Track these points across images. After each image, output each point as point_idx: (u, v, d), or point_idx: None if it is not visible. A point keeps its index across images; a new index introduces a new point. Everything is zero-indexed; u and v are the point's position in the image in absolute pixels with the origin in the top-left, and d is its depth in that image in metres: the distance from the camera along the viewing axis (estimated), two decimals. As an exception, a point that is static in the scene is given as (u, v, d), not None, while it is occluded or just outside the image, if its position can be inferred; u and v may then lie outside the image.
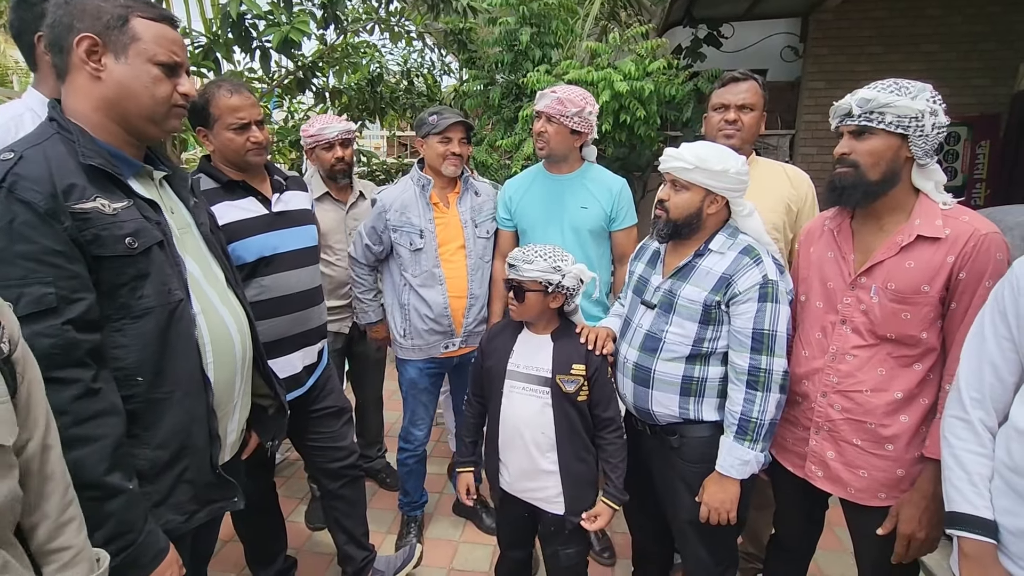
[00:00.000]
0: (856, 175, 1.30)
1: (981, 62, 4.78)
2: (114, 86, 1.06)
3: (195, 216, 1.28)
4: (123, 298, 1.03)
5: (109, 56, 1.05)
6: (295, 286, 1.83)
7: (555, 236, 2.11)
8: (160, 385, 1.08)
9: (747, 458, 1.43)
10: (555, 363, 1.63)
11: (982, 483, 1.07)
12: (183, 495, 1.13)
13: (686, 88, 3.57)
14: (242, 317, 1.31)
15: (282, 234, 1.81)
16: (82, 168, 1.02)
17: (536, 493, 1.69)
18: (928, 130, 1.23)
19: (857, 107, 1.27)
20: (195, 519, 1.17)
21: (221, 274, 1.31)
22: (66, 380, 0.94)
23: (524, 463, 1.67)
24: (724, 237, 1.51)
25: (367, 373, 2.72)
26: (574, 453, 1.64)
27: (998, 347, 1.08)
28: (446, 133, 2.07)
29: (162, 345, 1.08)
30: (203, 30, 3.11)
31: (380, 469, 2.91)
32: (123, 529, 0.98)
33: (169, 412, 1.09)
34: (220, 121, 1.69)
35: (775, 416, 1.44)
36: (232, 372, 1.26)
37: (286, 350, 1.82)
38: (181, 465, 1.12)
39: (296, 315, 1.84)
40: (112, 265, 1.02)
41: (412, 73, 4.42)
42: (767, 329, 1.42)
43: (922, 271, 1.26)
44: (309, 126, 2.44)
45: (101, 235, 1.00)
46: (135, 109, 1.08)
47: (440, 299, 2.11)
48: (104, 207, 1.01)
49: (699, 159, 1.44)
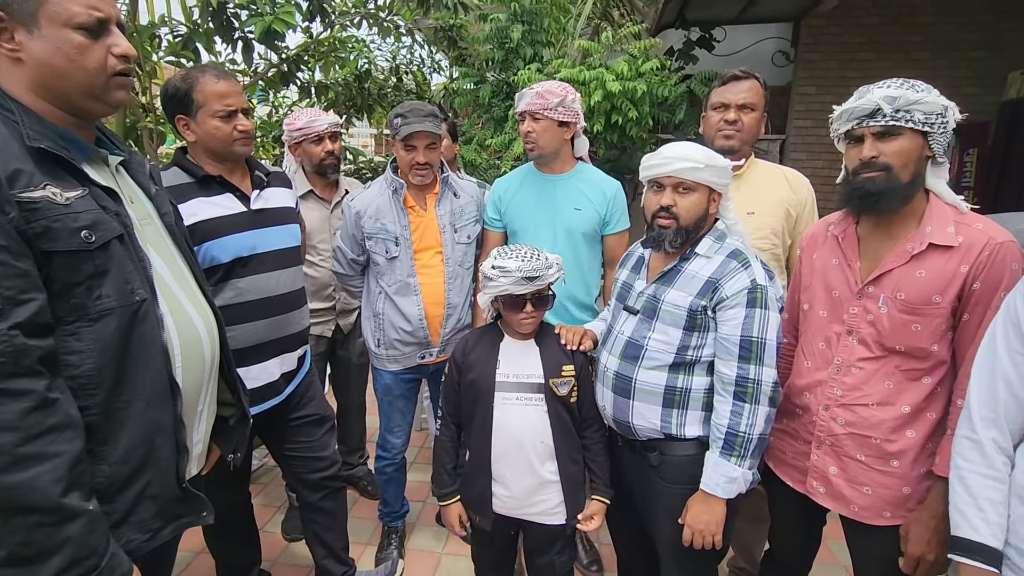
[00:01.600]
0: (889, 178, 1.22)
1: (971, 70, 4.80)
2: (37, 66, 0.93)
3: (157, 206, 1.17)
4: (78, 298, 0.92)
5: (20, 31, 0.91)
6: (274, 288, 1.73)
7: (547, 238, 2.03)
8: (120, 394, 0.97)
9: (734, 475, 1.34)
10: (545, 367, 1.57)
11: (990, 507, 1.02)
12: (146, 512, 1.03)
13: (679, 89, 3.53)
14: (210, 317, 1.22)
15: (261, 233, 1.70)
16: (28, 152, 0.90)
17: (535, 508, 1.61)
18: (949, 125, 1.19)
19: (888, 105, 1.19)
20: (159, 536, 1.07)
21: (187, 270, 1.21)
22: (15, 392, 0.83)
23: (524, 478, 1.59)
24: (711, 240, 1.44)
25: (350, 378, 2.63)
26: (569, 457, 1.60)
27: (1012, 362, 1.02)
28: (408, 141, 1.89)
29: (123, 350, 0.97)
30: (183, 18, 2.99)
31: (361, 476, 2.81)
32: (82, 555, 0.87)
33: (129, 423, 0.99)
34: (205, 108, 1.57)
35: (764, 431, 1.35)
36: (200, 377, 1.16)
37: (264, 356, 1.72)
38: (143, 480, 1.02)
39: (275, 319, 1.73)
40: (65, 261, 0.91)
41: (401, 70, 4.33)
42: (756, 337, 1.34)
43: (934, 281, 1.20)
44: (295, 119, 2.34)
45: (52, 227, 0.89)
46: (69, 87, 0.96)
47: (415, 310, 1.99)
48: (55, 196, 0.90)
49: (708, 157, 1.37)
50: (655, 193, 1.44)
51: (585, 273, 2.06)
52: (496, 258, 1.53)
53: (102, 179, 1.02)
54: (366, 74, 3.99)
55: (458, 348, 1.69)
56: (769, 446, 1.57)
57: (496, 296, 1.54)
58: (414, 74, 4.45)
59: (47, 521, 0.84)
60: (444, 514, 1.71)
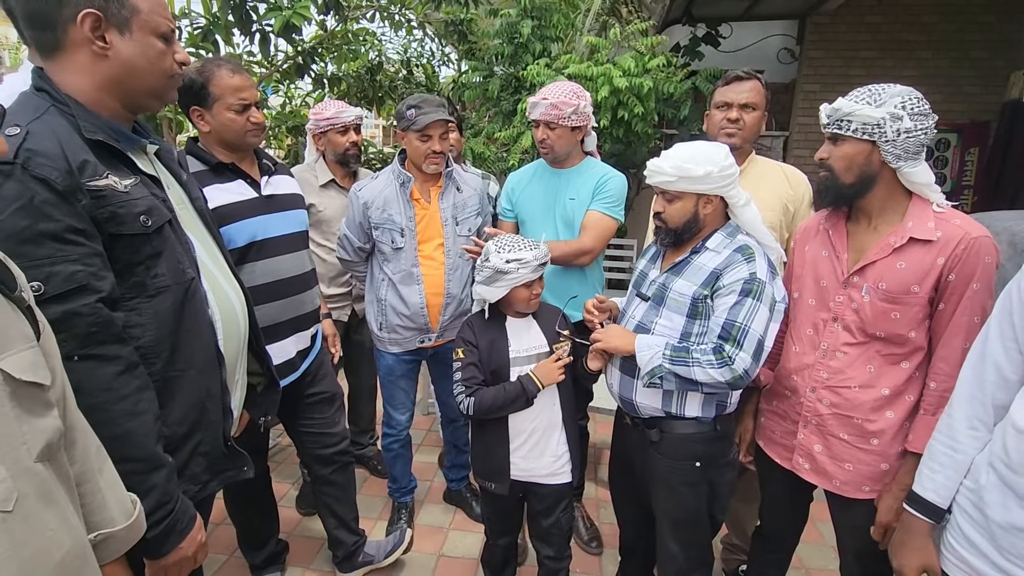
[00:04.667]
0: (830, 179, 1.38)
1: (972, 70, 4.85)
2: (121, 65, 1.02)
3: (188, 192, 1.27)
4: (138, 277, 1.03)
5: (113, 32, 1.00)
6: (287, 270, 1.83)
7: (549, 228, 2.13)
8: (175, 363, 1.08)
9: (648, 356, 1.46)
10: (548, 336, 1.76)
11: (940, 470, 1.16)
12: (198, 467, 1.15)
13: (684, 86, 3.60)
14: (241, 295, 1.33)
15: (272, 218, 1.80)
16: (87, 143, 0.99)
17: (546, 469, 1.76)
18: (891, 135, 1.26)
19: (826, 116, 1.35)
20: (208, 488, 1.19)
21: (219, 251, 1.31)
22: (107, 356, 0.94)
23: (537, 441, 1.74)
24: (722, 236, 1.52)
25: (363, 361, 2.73)
26: (571, 415, 1.79)
27: (1003, 347, 1.09)
28: (425, 131, 1.97)
29: (177, 324, 1.08)
30: (202, 11, 3.07)
31: (371, 456, 2.93)
32: (165, 499, 0.99)
33: (184, 390, 1.10)
34: (221, 101, 1.66)
35: (703, 381, 1.40)
36: (237, 349, 1.28)
37: (281, 335, 1.82)
38: (196, 439, 1.13)
39: (290, 300, 1.84)
40: (128, 244, 1.01)
41: (411, 63, 4.40)
42: (740, 322, 1.38)
43: (913, 272, 1.30)
44: (323, 109, 2.42)
45: (119, 213, 0.99)
46: (141, 86, 1.06)
47: (417, 298, 2.09)
48: (117, 184, 1.00)
49: (679, 169, 1.44)
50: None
51: (587, 267, 2.14)
52: (507, 252, 1.64)
53: (146, 167, 1.12)
54: (378, 67, 4.07)
55: (467, 332, 1.76)
56: (760, 426, 1.68)
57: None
58: (424, 67, 4.52)
59: (140, 469, 0.96)
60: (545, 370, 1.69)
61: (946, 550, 1.15)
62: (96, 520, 0.82)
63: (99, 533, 0.82)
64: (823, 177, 1.39)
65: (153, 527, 0.95)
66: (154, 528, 0.95)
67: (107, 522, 0.83)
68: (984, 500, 1.08)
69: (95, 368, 0.92)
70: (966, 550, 1.10)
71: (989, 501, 1.07)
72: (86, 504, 0.81)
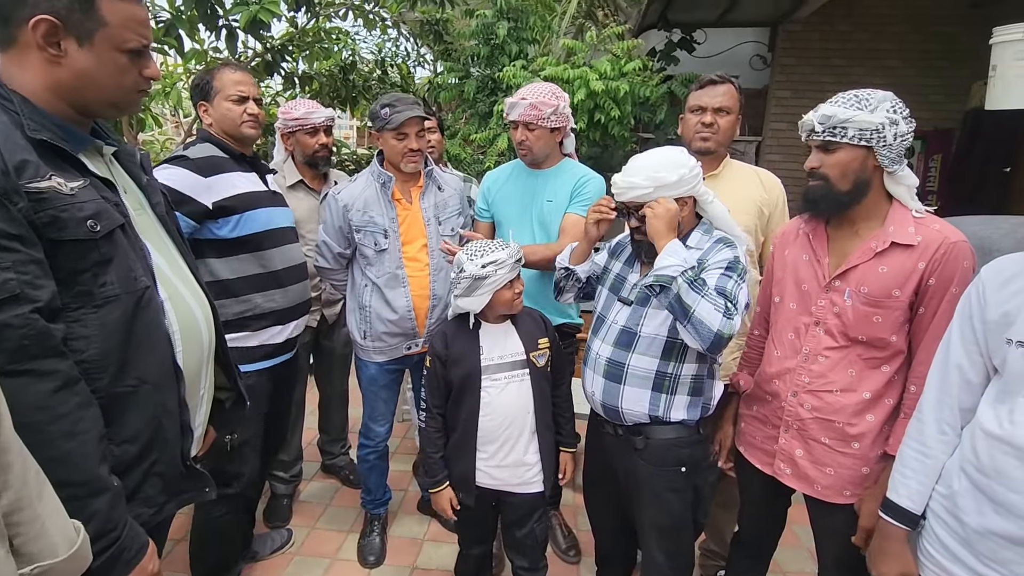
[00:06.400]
0: (826, 187, 1.34)
1: (937, 79, 4.98)
2: (75, 74, 0.96)
3: (148, 196, 1.19)
4: (84, 285, 0.95)
5: (71, 41, 0.94)
6: (298, 257, 2.01)
7: (526, 231, 2.09)
8: (124, 378, 1.00)
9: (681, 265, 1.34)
10: (525, 343, 1.71)
11: (912, 475, 1.17)
12: (152, 488, 1.07)
13: (660, 90, 3.61)
14: (206, 304, 1.24)
15: (278, 211, 1.95)
16: (30, 142, 0.92)
17: (517, 479, 1.73)
18: (890, 140, 1.26)
19: (819, 124, 1.31)
20: (165, 510, 1.11)
21: (180, 258, 1.23)
22: (42, 372, 0.85)
23: (510, 452, 1.71)
24: (700, 233, 1.54)
25: (334, 368, 2.65)
26: (546, 424, 1.76)
27: (964, 351, 1.12)
28: (400, 129, 1.93)
29: (127, 335, 1.00)
30: (166, 4, 2.96)
31: (343, 466, 2.83)
32: (108, 527, 0.91)
33: (136, 406, 1.02)
34: (221, 93, 1.83)
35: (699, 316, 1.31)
36: (200, 362, 1.20)
37: (291, 317, 1.97)
38: (150, 459, 1.05)
39: (302, 284, 2.01)
40: (72, 250, 0.93)
41: (386, 62, 4.32)
42: (730, 289, 1.38)
43: (894, 276, 1.30)
44: (292, 109, 2.35)
45: (60, 217, 0.91)
46: (96, 96, 1.00)
47: (403, 301, 2.03)
48: (61, 186, 0.92)
49: (654, 179, 1.43)
50: (623, 214, 1.55)
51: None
52: (480, 257, 1.60)
53: (98, 170, 1.04)
54: (351, 66, 3.98)
55: (437, 342, 1.74)
56: (740, 431, 1.66)
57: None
58: (399, 67, 4.45)
59: (80, 494, 0.87)
60: (435, 500, 1.77)
61: (923, 557, 1.15)
62: (34, 551, 0.74)
63: (37, 566, 0.74)
64: (817, 186, 1.35)
65: (96, 556, 0.86)
66: (97, 558, 0.87)
67: (48, 552, 0.75)
68: (959, 506, 1.08)
69: (28, 384, 0.84)
70: (943, 556, 1.10)
71: (964, 507, 1.07)
72: (23, 533, 0.73)
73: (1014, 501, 0.97)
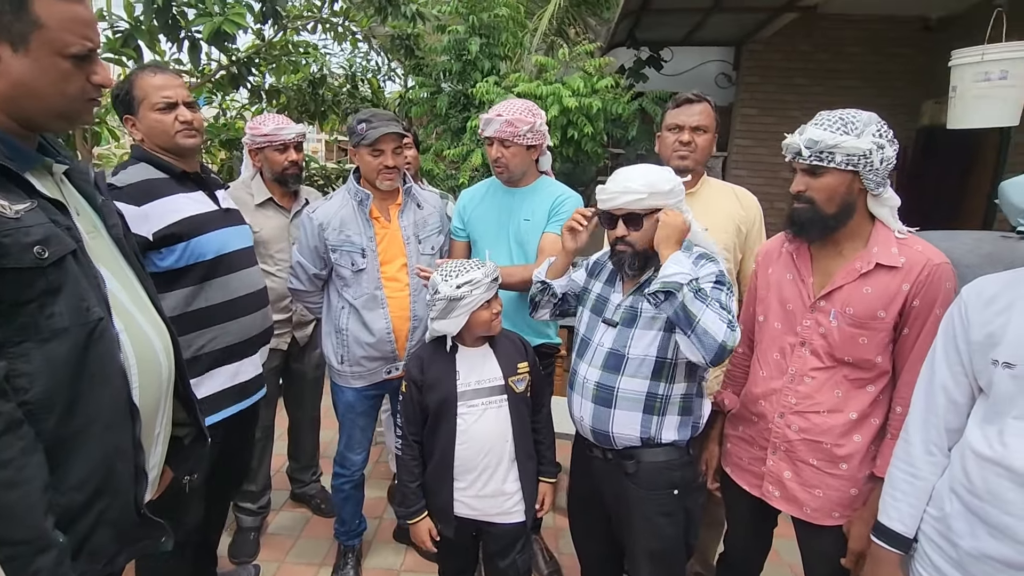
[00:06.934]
0: (812, 211, 1.33)
1: (892, 98, 5.18)
2: (12, 83, 0.87)
3: (103, 217, 1.10)
4: (28, 317, 0.85)
5: (4, 47, 0.86)
6: (254, 283, 1.82)
7: (503, 249, 2.05)
8: (73, 419, 0.90)
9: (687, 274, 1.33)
10: (503, 368, 1.66)
11: (903, 498, 1.17)
12: (103, 538, 0.97)
13: (632, 107, 3.65)
14: (165, 333, 1.15)
15: (232, 231, 1.77)
16: None
17: (496, 508, 1.67)
18: (877, 164, 1.26)
19: (806, 148, 1.29)
20: (116, 563, 1.01)
21: (139, 284, 1.14)
22: None
23: (488, 481, 1.65)
24: (680, 251, 1.50)
25: (305, 392, 2.54)
26: (526, 451, 1.68)
27: (950, 372, 1.12)
28: (376, 145, 1.88)
29: (77, 372, 0.90)
30: (124, 14, 2.83)
31: (314, 494, 2.71)
32: None
33: (86, 449, 0.92)
34: (145, 102, 1.60)
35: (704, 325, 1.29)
36: (158, 397, 1.10)
37: (254, 348, 1.80)
38: (100, 506, 0.95)
39: (262, 312, 1.83)
40: (16, 278, 0.84)
41: (357, 77, 4.26)
42: (725, 302, 1.39)
43: (879, 297, 1.30)
44: (261, 124, 2.25)
45: (3, 243, 0.82)
46: (40, 107, 0.91)
47: (382, 323, 1.95)
48: (4, 209, 0.83)
49: (649, 185, 1.43)
50: (607, 223, 1.51)
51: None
52: (455, 278, 1.56)
53: (48, 190, 0.95)
54: (321, 80, 3.91)
55: (413, 367, 1.69)
56: (726, 452, 1.65)
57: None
58: (370, 81, 4.39)
59: (22, 552, 0.79)
60: (414, 531, 1.70)
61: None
62: None
63: None
64: (802, 209, 1.34)
65: None
66: None
67: None
68: (952, 529, 1.07)
69: None
70: None
71: (957, 530, 1.06)
72: None
73: (1009, 524, 0.97)
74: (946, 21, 4.84)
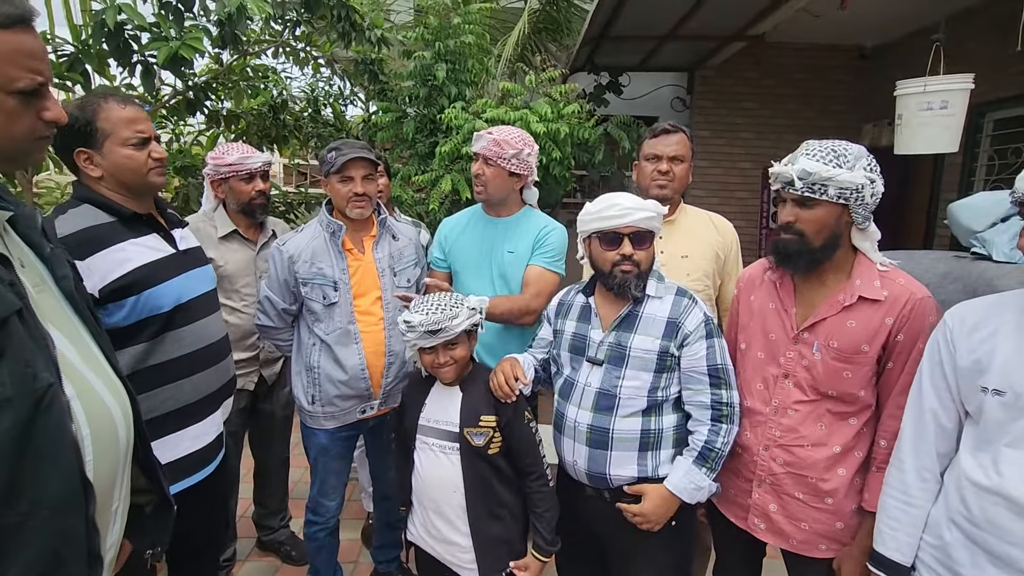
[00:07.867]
0: (801, 243, 1.33)
1: (834, 121, 5.48)
2: None
3: (52, 269, 0.99)
4: None
5: None
6: (213, 334, 1.64)
7: (485, 280, 2.01)
8: (14, 506, 0.78)
9: (703, 484, 1.44)
10: (463, 416, 1.56)
11: (899, 527, 1.18)
12: None
13: (598, 132, 3.70)
14: (123, 395, 1.03)
15: (191, 276, 1.60)
16: None
17: (450, 555, 1.61)
18: (867, 199, 1.28)
19: (799, 179, 1.28)
20: None
21: (92, 342, 1.02)
22: None
23: (435, 521, 1.60)
24: (655, 282, 1.52)
25: (273, 433, 2.42)
26: (487, 511, 1.56)
27: (936, 396, 1.15)
28: (345, 172, 1.82)
29: (20, 448, 0.78)
30: (70, 36, 2.67)
31: (283, 540, 2.57)
32: None
33: (27, 539, 0.79)
34: (114, 136, 1.45)
35: (729, 447, 1.47)
36: (115, 469, 0.98)
37: (212, 407, 1.63)
38: None
39: (220, 366, 1.65)
40: None
41: (319, 101, 4.16)
42: (720, 363, 1.47)
43: (862, 331, 1.32)
44: (225, 154, 2.14)
45: None
46: None
47: (356, 359, 1.88)
48: None
49: (655, 205, 1.47)
50: (608, 243, 1.47)
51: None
52: (410, 311, 1.54)
53: None
54: (282, 105, 3.80)
55: (407, 383, 1.74)
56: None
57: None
58: (332, 106, 4.30)
59: None
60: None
61: None
62: None
63: None
64: (790, 240, 1.33)
65: None
66: None
67: None
68: (952, 558, 1.09)
69: None
70: None
71: (958, 559, 1.08)
72: None
73: (1010, 553, 0.99)
74: (881, 49, 5.17)
